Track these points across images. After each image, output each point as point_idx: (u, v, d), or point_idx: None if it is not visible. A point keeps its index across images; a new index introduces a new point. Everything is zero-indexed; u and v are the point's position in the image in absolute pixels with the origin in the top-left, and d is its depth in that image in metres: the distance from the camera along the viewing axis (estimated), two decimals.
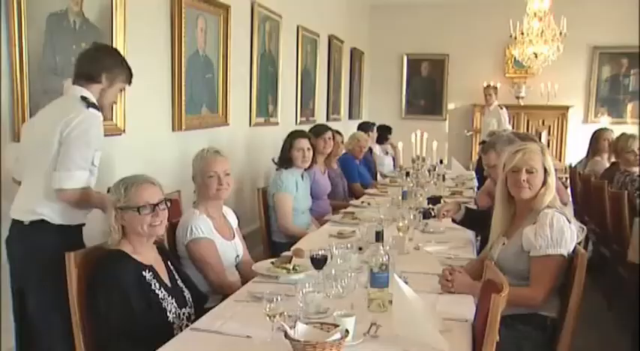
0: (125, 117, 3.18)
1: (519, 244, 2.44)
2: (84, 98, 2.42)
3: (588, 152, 5.95)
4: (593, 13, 8.60)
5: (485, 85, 8.66)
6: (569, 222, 2.43)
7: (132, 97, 3.23)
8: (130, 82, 2.64)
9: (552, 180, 2.50)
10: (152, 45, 3.56)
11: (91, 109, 2.40)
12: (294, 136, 4.12)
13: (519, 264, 2.43)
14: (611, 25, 8.63)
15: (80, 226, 2.56)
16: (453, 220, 3.43)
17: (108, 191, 2.35)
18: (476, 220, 3.39)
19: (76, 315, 2.12)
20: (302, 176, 4.14)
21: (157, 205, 2.26)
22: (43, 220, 2.41)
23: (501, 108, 8.37)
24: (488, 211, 3.20)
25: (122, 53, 2.76)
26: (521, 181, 2.46)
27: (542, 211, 2.43)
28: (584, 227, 2.53)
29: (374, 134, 7.09)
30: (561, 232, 2.38)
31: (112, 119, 3.12)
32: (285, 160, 4.06)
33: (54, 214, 2.43)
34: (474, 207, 3.42)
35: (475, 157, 9.31)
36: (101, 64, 2.50)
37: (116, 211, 2.21)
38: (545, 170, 2.49)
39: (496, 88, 8.60)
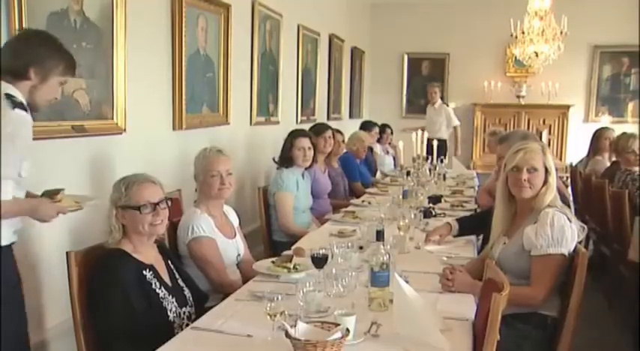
0: (126, 116, 3.18)
1: (520, 244, 2.44)
2: (9, 96, 2.02)
3: (589, 151, 5.95)
4: (593, 12, 8.60)
5: (430, 84, 8.87)
6: (570, 221, 2.43)
7: (133, 96, 3.22)
8: (72, 73, 2.25)
9: (553, 179, 2.51)
10: (153, 44, 3.55)
11: (17, 111, 2.01)
12: (294, 135, 4.12)
13: (520, 263, 2.43)
14: (612, 24, 8.64)
15: (9, 247, 2.14)
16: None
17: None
18: (475, 225, 3.39)
19: (77, 314, 2.12)
20: (302, 175, 4.15)
21: (158, 204, 2.26)
22: None
23: (447, 105, 8.79)
24: (489, 210, 3.21)
25: (58, 42, 2.23)
26: (522, 181, 2.46)
27: (542, 211, 2.43)
28: (585, 226, 2.53)
29: (376, 133, 7.11)
30: (562, 231, 2.38)
31: (112, 118, 3.12)
32: (286, 159, 4.06)
33: None
34: (475, 206, 3.39)
35: (476, 156, 9.34)
36: (27, 57, 2.08)
37: (117, 209, 2.22)
38: (547, 170, 2.50)
39: (440, 85, 8.94)
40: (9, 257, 2.11)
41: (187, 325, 2.16)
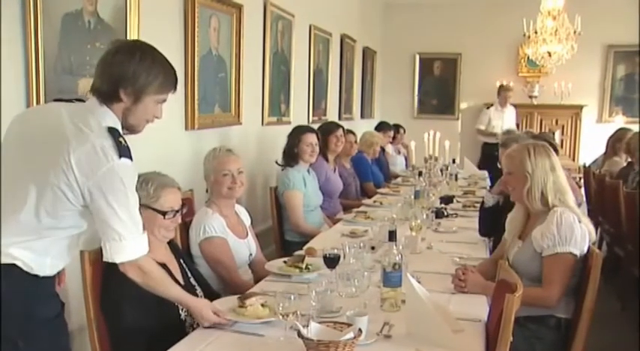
0: None
1: (532, 247, 2.42)
2: (113, 132, 1.81)
3: (606, 151, 5.89)
4: (607, 12, 8.52)
5: (505, 86, 8.64)
6: (580, 221, 2.40)
7: None
8: (171, 89, 1.97)
9: (537, 180, 2.46)
10: (166, 44, 3.54)
11: (124, 160, 1.80)
12: (301, 131, 4.14)
13: (533, 267, 2.42)
14: (626, 24, 8.54)
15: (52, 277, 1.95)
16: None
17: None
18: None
19: (91, 312, 2.13)
20: (308, 172, 4.15)
21: (178, 211, 2.30)
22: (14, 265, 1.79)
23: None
24: (495, 206, 3.23)
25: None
26: (504, 182, 2.53)
27: (551, 210, 2.41)
28: (593, 229, 2.51)
29: (390, 136, 7.12)
30: (570, 229, 2.35)
31: None
32: (292, 157, 4.06)
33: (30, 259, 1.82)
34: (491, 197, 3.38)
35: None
36: (116, 76, 1.84)
37: None
38: (527, 172, 2.46)
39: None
40: (50, 287, 1.93)
41: (199, 324, 2.16)
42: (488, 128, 8.47)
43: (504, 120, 8.35)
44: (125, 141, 1.84)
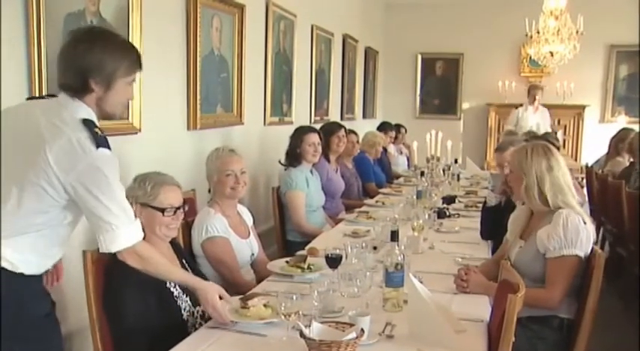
0: (141, 116, 3.20)
1: (535, 247, 2.42)
2: (88, 124, 1.79)
3: (609, 151, 5.88)
4: (610, 12, 8.51)
5: (533, 85, 8.32)
6: (585, 223, 2.40)
7: (148, 96, 3.24)
8: (138, 67, 1.93)
9: (530, 181, 2.47)
10: (168, 45, 3.57)
11: (102, 150, 1.78)
12: (303, 131, 4.14)
13: (536, 267, 2.41)
14: (629, 24, 8.53)
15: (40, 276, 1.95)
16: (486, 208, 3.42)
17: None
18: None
19: (93, 312, 2.14)
20: (311, 172, 4.16)
21: (179, 208, 2.30)
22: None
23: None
24: (498, 206, 3.23)
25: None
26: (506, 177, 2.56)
27: (556, 212, 2.41)
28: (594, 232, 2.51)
29: (391, 136, 7.12)
30: (576, 232, 2.35)
31: (128, 118, 3.13)
32: (295, 157, 4.07)
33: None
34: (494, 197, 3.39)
35: (490, 157, 9.28)
36: (82, 68, 1.80)
37: (136, 205, 2.23)
38: (524, 173, 2.49)
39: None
40: (38, 285, 1.91)
41: (201, 324, 2.17)
42: (516, 129, 7.80)
43: (534, 121, 7.88)
44: (102, 131, 1.83)
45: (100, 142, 1.78)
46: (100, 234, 1.86)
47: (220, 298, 2.06)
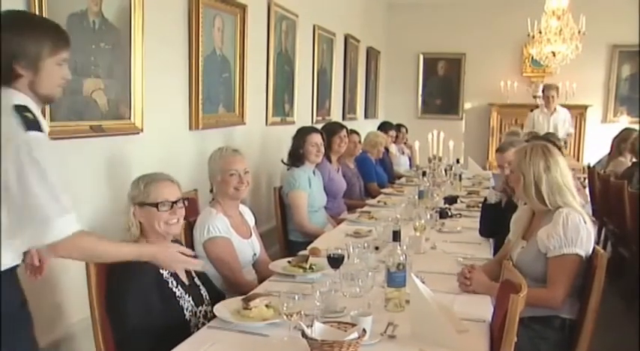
0: (143, 116, 3.20)
1: (536, 247, 2.42)
2: (19, 110, 1.69)
3: (611, 151, 5.86)
4: (612, 11, 8.50)
5: (547, 86, 7.63)
6: (585, 222, 2.40)
7: (150, 96, 3.25)
8: (65, 45, 1.81)
9: (528, 181, 2.48)
10: (170, 45, 3.58)
11: (32, 133, 1.67)
12: (306, 131, 4.15)
13: (537, 267, 2.41)
14: (631, 24, 8.52)
15: (12, 270, 1.78)
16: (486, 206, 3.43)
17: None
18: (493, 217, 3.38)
19: (95, 312, 2.14)
20: (314, 172, 4.16)
21: (176, 202, 2.28)
22: None
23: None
24: (498, 204, 3.23)
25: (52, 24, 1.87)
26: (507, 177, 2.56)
27: (556, 211, 2.41)
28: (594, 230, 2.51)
29: (392, 135, 7.11)
30: (576, 230, 2.35)
31: (130, 118, 3.14)
32: (298, 157, 4.07)
33: None
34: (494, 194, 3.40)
35: (492, 157, 9.27)
36: (5, 55, 1.70)
37: (134, 206, 2.24)
38: (522, 174, 2.50)
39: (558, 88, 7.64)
40: (11, 281, 1.78)
41: (204, 324, 2.17)
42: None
43: (552, 124, 7.26)
44: (34, 115, 1.71)
45: (30, 125, 1.67)
46: (33, 227, 1.66)
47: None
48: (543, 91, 7.53)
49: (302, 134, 4.12)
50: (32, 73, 1.74)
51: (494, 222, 3.19)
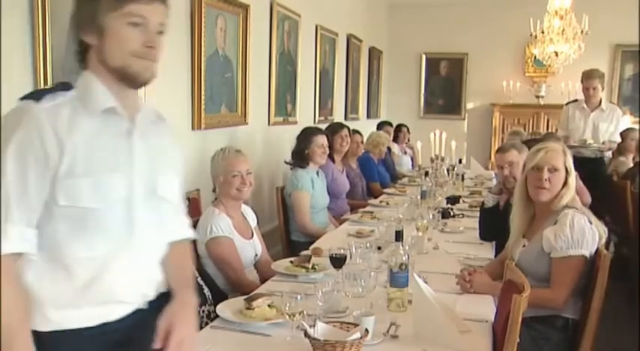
0: None
1: (539, 246, 2.42)
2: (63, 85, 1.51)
3: (613, 151, 5.85)
4: (615, 11, 8.47)
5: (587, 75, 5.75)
6: (591, 223, 2.40)
7: (152, 95, 3.24)
8: None
9: (573, 180, 2.49)
10: (172, 44, 3.57)
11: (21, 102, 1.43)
12: (311, 132, 4.15)
13: (540, 266, 2.41)
14: (634, 23, 8.49)
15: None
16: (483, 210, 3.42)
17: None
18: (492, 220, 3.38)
19: None
20: (317, 174, 4.16)
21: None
22: None
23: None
24: (495, 207, 3.22)
25: None
26: (543, 181, 2.45)
27: (562, 212, 2.41)
28: (606, 229, 2.51)
29: (390, 131, 7.13)
30: (582, 232, 2.35)
31: None
32: (303, 158, 4.07)
33: None
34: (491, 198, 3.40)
35: (494, 157, 9.25)
36: (71, 27, 1.52)
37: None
38: (567, 170, 2.48)
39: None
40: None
41: (206, 323, 2.17)
42: (568, 137, 5.51)
43: (592, 123, 5.57)
44: (50, 89, 1.47)
45: (32, 95, 1.43)
46: None
47: None
48: (582, 81, 5.66)
49: (308, 135, 4.12)
50: (96, 38, 1.43)
51: (494, 225, 3.18)
